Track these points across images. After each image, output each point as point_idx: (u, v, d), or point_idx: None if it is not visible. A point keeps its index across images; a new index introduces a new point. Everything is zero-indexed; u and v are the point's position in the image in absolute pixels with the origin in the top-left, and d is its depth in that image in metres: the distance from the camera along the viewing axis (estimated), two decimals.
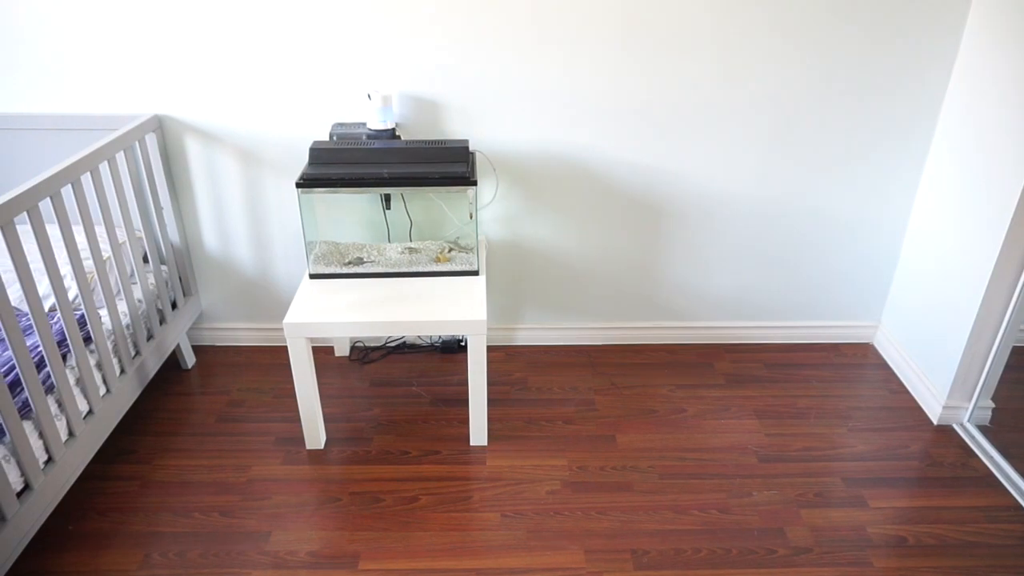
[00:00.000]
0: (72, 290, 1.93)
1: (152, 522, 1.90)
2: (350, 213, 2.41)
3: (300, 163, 2.34)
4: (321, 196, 2.37)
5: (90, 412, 1.86)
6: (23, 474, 1.59)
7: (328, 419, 2.28)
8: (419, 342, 2.68)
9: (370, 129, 2.18)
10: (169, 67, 2.19)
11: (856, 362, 2.61)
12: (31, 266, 1.66)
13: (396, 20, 2.14)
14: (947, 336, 2.24)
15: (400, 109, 2.27)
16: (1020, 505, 1.98)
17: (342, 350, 2.62)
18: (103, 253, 2.00)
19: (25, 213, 1.61)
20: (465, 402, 2.23)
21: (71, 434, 1.78)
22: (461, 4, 2.12)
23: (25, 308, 1.78)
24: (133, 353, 2.11)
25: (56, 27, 2.12)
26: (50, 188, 1.70)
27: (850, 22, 2.15)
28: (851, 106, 2.28)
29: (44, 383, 1.70)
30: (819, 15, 2.14)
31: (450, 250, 2.33)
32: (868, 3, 2.13)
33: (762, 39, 2.18)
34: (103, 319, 1.98)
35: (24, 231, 1.68)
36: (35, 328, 1.64)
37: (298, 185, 2.06)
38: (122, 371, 2.03)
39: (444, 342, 2.64)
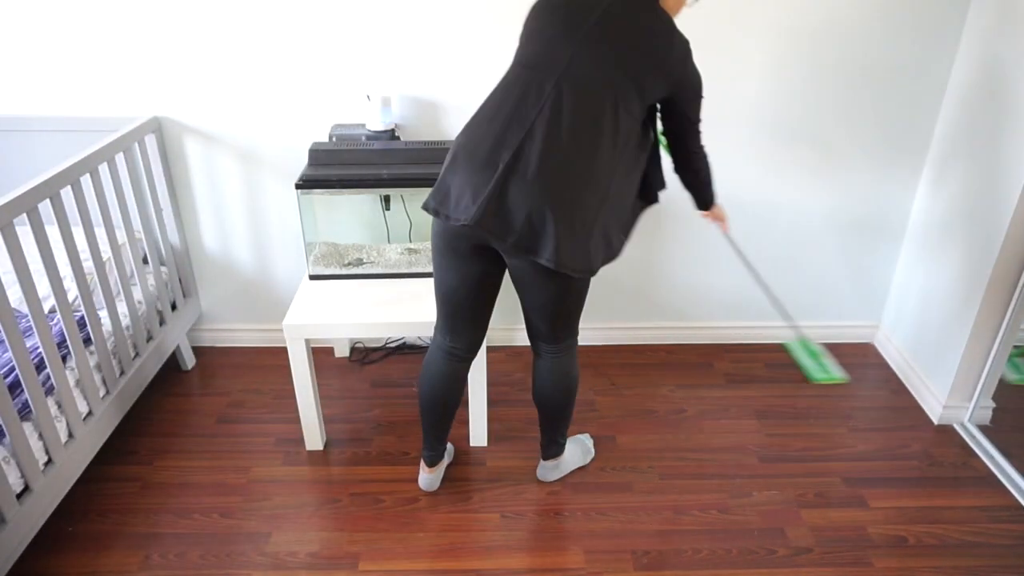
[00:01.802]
0: (72, 291, 1.93)
1: (152, 523, 1.90)
2: (350, 214, 2.41)
3: (300, 164, 2.35)
4: (321, 197, 2.37)
5: (90, 413, 1.87)
6: (23, 475, 1.59)
7: (328, 420, 2.28)
8: (419, 343, 2.68)
9: (369, 130, 2.19)
10: (168, 69, 2.19)
11: (856, 362, 2.61)
12: (31, 267, 1.65)
13: (395, 21, 2.14)
14: (947, 335, 2.24)
15: (399, 110, 2.27)
16: (1021, 505, 1.98)
17: (342, 351, 2.62)
18: (103, 254, 2.00)
19: (25, 215, 1.62)
20: (465, 402, 2.23)
21: (71, 435, 1.78)
22: (459, 5, 2.12)
23: (25, 309, 1.79)
24: (133, 354, 2.11)
25: (55, 29, 2.12)
26: (50, 189, 1.71)
27: (849, 23, 2.15)
28: (851, 105, 2.28)
29: (44, 384, 1.70)
30: (818, 16, 2.14)
31: None
32: (868, 4, 2.13)
33: (761, 39, 2.18)
34: (103, 320, 1.98)
35: (24, 232, 1.68)
36: (35, 329, 1.64)
37: (298, 186, 2.06)
38: (122, 372, 2.04)
39: None
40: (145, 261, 2.30)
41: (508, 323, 2.65)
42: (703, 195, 1.83)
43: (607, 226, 1.56)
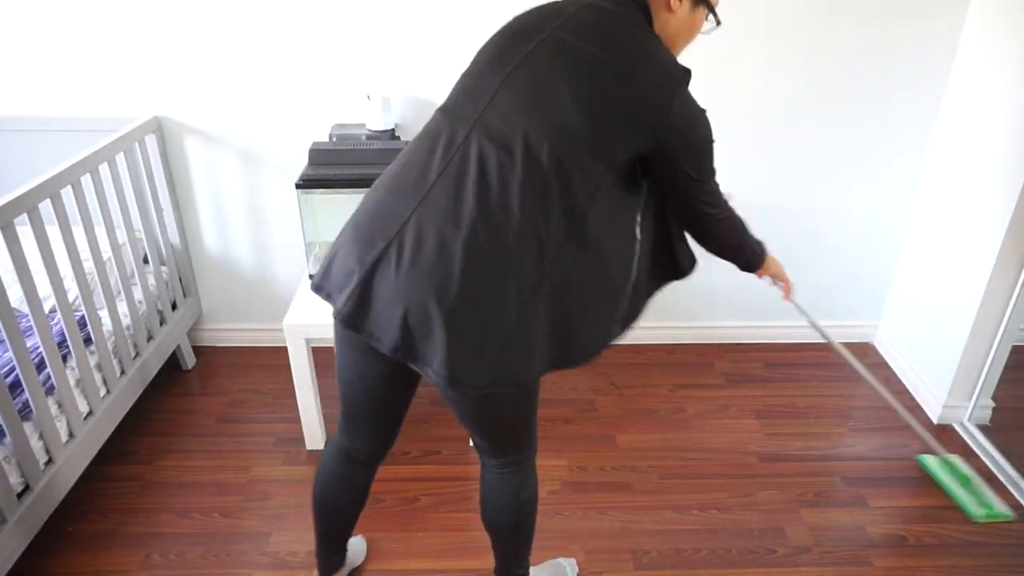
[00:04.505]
0: (72, 291, 1.93)
1: (152, 523, 1.90)
2: (350, 214, 2.41)
3: (300, 164, 2.35)
4: (321, 197, 2.36)
5: (90, 413, 1.87)
6: (23, 475, 1.59)
7: (328, 419, 2.28)
8: None
9: (370, 130, 2.19)
10: (169, 68, 2.19)
11: None
12: (31, 267, 1.65)
13: (395, 21, 2.14)
14: (947, 335, 2.24)
15: (399, 110, 2.27)
16: (1021, 505, 1.98)
17: None
18: (103, 254, 2.00)
19: (25, 214, 1.62)
20: None
21: (71, 435, 1.78)
22: (459, 5, 2.12)
23: (25, 309, 1.78)
24: (133, 354, 2.11)
25: (55, 29, 2.12)
26: (50, 189, 1.71)
27: (848, 25, 2.15)
28: (850, 106, 2.28)
29: (44, 384, 1.70)
30: (818, 17, 2.14)
31: None
32: (867, 5, 2.13)
33: (761, 41, 2.18)
34: (103, 320, 1.98)
35: (24, 232, 1.68)
36: (35, 329, 1.64)
37: (298, 186, 2.06)
38: (122, 372, 2.04)
39: None
40: (145, 261, 2.30)
41: None
42: (739, 261, 1.47)
43: (561, 322, 1.17)
